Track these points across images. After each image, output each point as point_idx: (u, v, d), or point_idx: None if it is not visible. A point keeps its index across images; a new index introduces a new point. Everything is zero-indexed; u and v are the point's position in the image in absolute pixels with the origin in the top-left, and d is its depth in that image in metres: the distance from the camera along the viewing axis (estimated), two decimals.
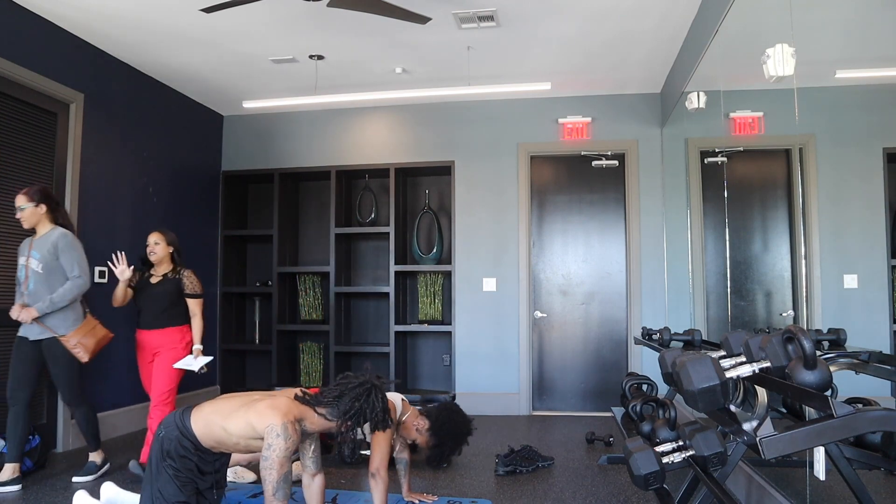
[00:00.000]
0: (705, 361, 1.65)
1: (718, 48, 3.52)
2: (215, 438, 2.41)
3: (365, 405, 2.40)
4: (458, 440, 2.99)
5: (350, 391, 2.42)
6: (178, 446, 2.40)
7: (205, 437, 2.42)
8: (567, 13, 4.06)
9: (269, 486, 2.26)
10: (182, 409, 2.50)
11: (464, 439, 3.02)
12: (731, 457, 2.12)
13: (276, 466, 2.25)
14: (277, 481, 2.26)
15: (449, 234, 5.77)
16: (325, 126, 5.99)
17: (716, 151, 3.73)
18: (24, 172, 3.94)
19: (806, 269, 2.42)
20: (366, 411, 2.40)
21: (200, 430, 2.41)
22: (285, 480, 2.28)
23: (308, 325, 5.80)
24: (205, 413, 2.44)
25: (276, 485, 2.26)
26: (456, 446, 2.99)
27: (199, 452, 2.44)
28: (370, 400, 2.41)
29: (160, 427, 2.47)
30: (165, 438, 2.42)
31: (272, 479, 2.26)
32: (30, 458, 3.61)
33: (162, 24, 4.18)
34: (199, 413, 2.45)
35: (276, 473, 2.25)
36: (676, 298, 5.01)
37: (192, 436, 2.41)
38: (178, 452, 2.39)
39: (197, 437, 2.41)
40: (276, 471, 2.25)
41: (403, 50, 4.66)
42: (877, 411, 1.37)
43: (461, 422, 3.02)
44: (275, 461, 2.26)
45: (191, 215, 5.61)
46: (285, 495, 2.28)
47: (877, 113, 2.12)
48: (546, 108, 5.64)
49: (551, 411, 5.53)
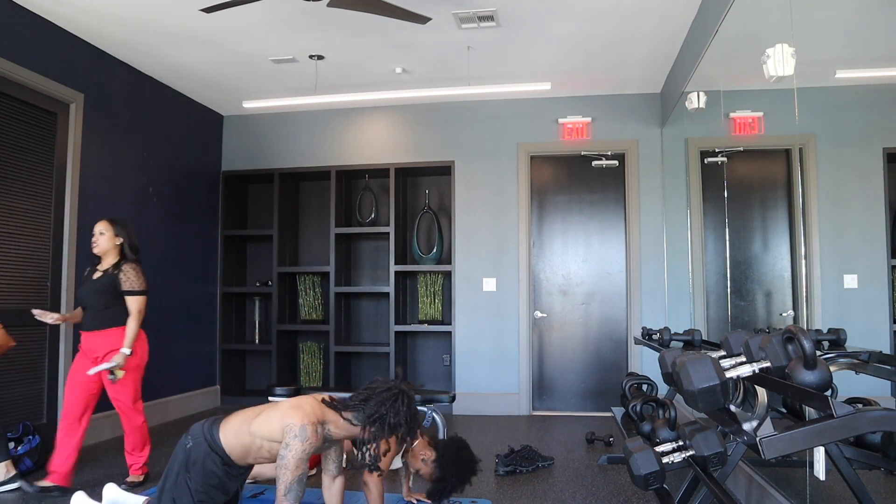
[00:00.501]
0: (705, 361, 1.65)
1: (718, 48, 3.52)
2: (243, 446, 2.37)
3: (390, 410, 2.33)
4: (461, 478, 2.97)
5: (377, 395, 2.36)
6: (205, 461, 2.35)
7: (233, 448, 2.37)
8: (567, 13, 4.06)
9: (282, 485, 2.21)
10: (210, 421, 2.45)
11: (467, 478, 2.99)
12: (731, 457, 2.12)
13: (290, 467, 2.21)
14: (291, 482, 2.21)
15: (449, 234, 5.77)
16: (325, 126, 5.99)
17: (716, 151, 3.73)
18: (24, 172, 3.94)
19: (806, 269, 2.42)
20: (390, 417, 2.33)
21: (229, 441, 2.37)
22: (299, 482, 2.23)
23: (308, 325, 5.80)
24: (232, 423, 2.40)
25: (288, 485, 2.21)
26: (459, 484, 2.97)
27: (227, 466, 2.39)
28: (395, 405, 2.34)
29: (187, 437, 2.43)
30: (193, 450, 2.37)
31: (286, 480, 2.21)
32: (30, 458, 3.62)
33: (162, 24, 4.18)
34: (228, 425, 2.41)
35: (291, 474, 2.21)
36: (676, 298, 5.01)
37: (221, 449, 2.37)
38: (206, 469, 2.35)
39: (225, 450, 2.37)
40: (290, 471, 2.21)
41: (403, 50, 4.66)
42: (877, 411, 1.37)
43: (468, 460, 2.99)
44: (290, 461, 2.21)
45: (191, 215, 5.61)
46: (297, 497, 2.23)
47: (877, 113, 2.12)
48: (546, 108, 5.64)
49: (551, 411, 5.53)
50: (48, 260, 4.12)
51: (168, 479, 2.39)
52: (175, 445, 2.48)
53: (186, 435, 2.45)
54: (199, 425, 2.45)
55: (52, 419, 4.11)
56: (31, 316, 3.37)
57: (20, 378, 3.89)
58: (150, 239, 5.06)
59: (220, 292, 5.94)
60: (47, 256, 4.11)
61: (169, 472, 2.41)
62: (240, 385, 6.18)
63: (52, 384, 4.11)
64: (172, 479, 2.38)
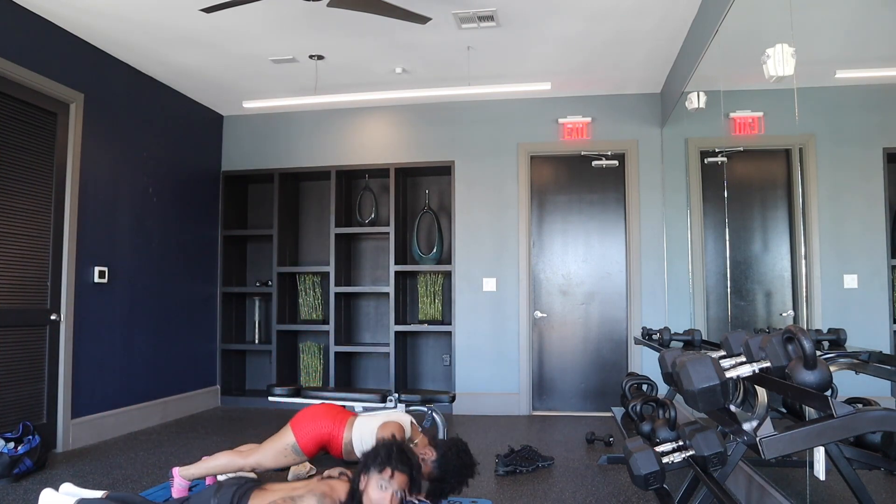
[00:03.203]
0: (705, 361, 1.65)
1: (718, 48, 3.52)
2: None
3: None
4: (460, 479, 2.99)
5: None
6: None
7: None
8: (567, 13, 4.06)
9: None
10: (242, 491, 2.33)
11: (466, 480, 3.01)
12: (731, 457, 2.12)
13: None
14: None
15: (449, 234, 5.77)
16: (325, 126, 5.99)
17: (716, 151, 3.73)
18: (24, 172, 3.94)
19: (806, 269, 2.42)
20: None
21: None
22: None
23: (308, 325, 5.80)
24: (260, 499, 2.29)
25: None
26: (457, 485, 2.98)
27: None
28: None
29: (214, 499, 2.31)
30: None
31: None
32: (30, 457, 3.61)
33: (162, 24, 4.18)
34: (256, 500, 2.29)
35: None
36: (676, 298, 5.01)
37: None
38: None
39: None
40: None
41: (403, 50, 4.66)
42: (877, 411, 1.37)
43: (467, 463, 3.01)
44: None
45: (191, 215, 5.61)
46: None
47: (877, 113, 2.12)
48: (546, 108, 5.64)
49: (551, 411, 5.53)
50: (48, 260, 4.12)
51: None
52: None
53: (214, 496, 2.33)
54: (229, 493, 2.32)
55: (52, 419, 4.11)
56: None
57: (20, 378, 3.89)
58: (150, 239, 5.07)
59: (220, 292, 5.94)
60: (47, 256, 4.11)
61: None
62: (240, 385, 6.18)
63: (52, 384, 4.11)
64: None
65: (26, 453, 3.58)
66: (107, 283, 4.57)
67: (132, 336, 4.86)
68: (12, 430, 3.70)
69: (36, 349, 4.01)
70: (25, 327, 3.91)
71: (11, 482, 3.44)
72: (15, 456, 3.51)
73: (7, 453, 3.47)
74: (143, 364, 4.95)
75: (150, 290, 5.07)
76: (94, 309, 4.47)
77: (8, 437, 3.59)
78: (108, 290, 4.61)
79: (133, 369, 4.85)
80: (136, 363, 4.89)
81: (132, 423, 4.79)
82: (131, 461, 3.91)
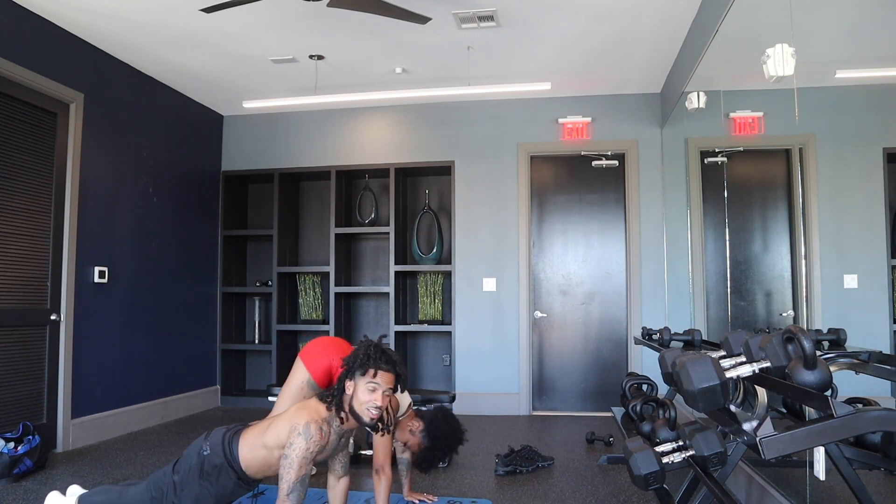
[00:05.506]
0: (705, 361, 1.65)
1: (718, 48, 3.52)
2: (259, 460, 2.31)
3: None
4: (450, 445, 2.99)
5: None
6: (220, 476, 2.30)
7: (249, 464, 2.32)
8: (567, 13, 4.06)
9: (285, 485, 2.17)
10: (231, 433, 2.37)
11: (455, 446, 3.01)
12: (731, 457, 2.12)
13: (294, 466, 2.18)
14: (293, 482, 2.17)
15: (449, 234, 5.77)
16: (325, 126, 5.99)
17: (716, 151, 3.73)
18: (24, 172, 3.94)
19: (806, 269, 2.42)
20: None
21: (246, 457, 2.31)
22: (302, 483, 2.20)
23: (308, 325, 5.80)
24: (248, 438, 2.34)
25: (291, 485, 2.17)
26: (448, 451, 2.98)
27: (241, 481, 2.34)
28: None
29: (205, 443, 2.35)
30: (208, 460, 2.31)
31: (289, 479, 2.17)
32: (30, 458, 3.61)
33: (162, 24, 4.18)
34: (245, 439, 2.34)
35: (295, 474, 2.18)
36: (676, 298, 5.01)
37: (238, 465, 2.31)
38: (220, 483, 2.29)
39: (242, 466, 2.31)
40: (294, 471, 2.18)
41: (403, 50, 4.66)
42: (877, 411, 1.37)
43: (455, 428, 3.02)
44: (294, 460, 2.18)
45: (191, 215, 5.61)
46: (299, 498, 2.19)
47: (877, 113, 2.12)
48: (546, 108, 5.64)
49: (551, 411, 5.53)
50: (48, 260, 4.12)
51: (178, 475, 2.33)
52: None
53: (205, 440, 2.37)
54: (219, 435, 2.37)
55: (52, 419, 4.11)
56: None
57: (20, 378, 3.89)
58: (150, 239, 5.07)
59: (220, 292, 5.94)
60: (47, 256, 4.11)
61: (179, 467, 2.35)
62: (240, 385, 6.18)
63: (52, 384, 4.11)
64: (181, 479, 2.32)
65: (26, 453, 3.58)
66: (107, 283, 4.57)
67: (132, 336, 4.86)
68: (12, 430, 3.70)
69: (36, 349, 4.01)
70: (25, 327, 3.91)
71: (11, 482, 3.44)
72: (15, 456, 3.51)
73: (7, 453, 3.47)
74: (143, 364, 4.95)
75: (150, 290, 5.07)
76: (94, 309, 4.47)
77: (8, 437, 3.59)
78: (108, 290, 4.61)
79: (133, 369, 4.85)
80: (136, 363, 4.89)
81: (132, 423, 4.79)
82: (131, 461, 3.91)
